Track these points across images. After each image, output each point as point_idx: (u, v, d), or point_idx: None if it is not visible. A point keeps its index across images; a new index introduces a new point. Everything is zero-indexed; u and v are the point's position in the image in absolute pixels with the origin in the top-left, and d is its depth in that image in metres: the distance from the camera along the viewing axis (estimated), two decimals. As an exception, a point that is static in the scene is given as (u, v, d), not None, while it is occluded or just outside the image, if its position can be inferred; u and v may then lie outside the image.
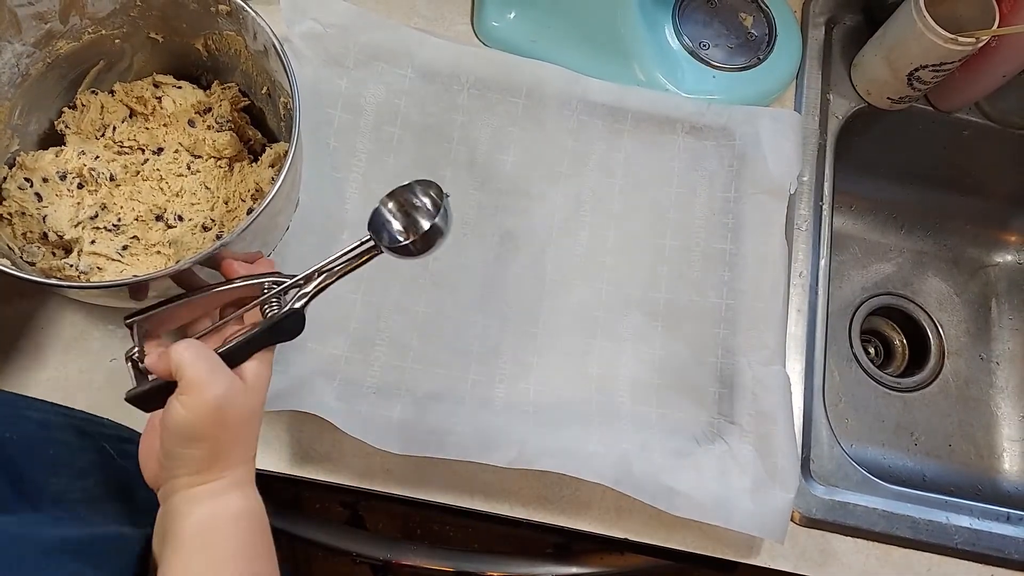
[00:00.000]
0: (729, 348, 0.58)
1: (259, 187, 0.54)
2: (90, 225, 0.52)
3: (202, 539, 0.37)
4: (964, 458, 0.76)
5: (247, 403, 0.39)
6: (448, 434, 0.52)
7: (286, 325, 0.41)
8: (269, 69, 0.51)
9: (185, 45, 0.55)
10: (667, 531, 0.55)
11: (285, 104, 0.52)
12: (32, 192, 0.51)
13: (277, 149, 0.55)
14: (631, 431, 0.55)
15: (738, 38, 0.68)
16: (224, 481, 0.38)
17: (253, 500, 0.39)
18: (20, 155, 0.52)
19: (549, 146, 0.62)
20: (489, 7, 0.65)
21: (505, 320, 0.57)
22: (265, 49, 0.49)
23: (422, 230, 0.41)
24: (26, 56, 0.50)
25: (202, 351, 0.37)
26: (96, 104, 0.54)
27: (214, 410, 0.36)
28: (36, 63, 0.50)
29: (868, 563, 0.57)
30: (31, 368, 0.53)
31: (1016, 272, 0.83)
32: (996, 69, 0.64)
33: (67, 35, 0.51)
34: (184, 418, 0.36)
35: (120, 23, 0.52)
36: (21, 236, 0.51)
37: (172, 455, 0.37)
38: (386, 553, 0.66)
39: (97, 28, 0.52)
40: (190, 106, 0.56)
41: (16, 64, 0.49)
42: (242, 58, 0.54)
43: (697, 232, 0.61)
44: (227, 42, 0.53)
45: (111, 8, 0.51)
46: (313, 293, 0.42)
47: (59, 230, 0.51)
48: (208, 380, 0.36)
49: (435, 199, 0.42)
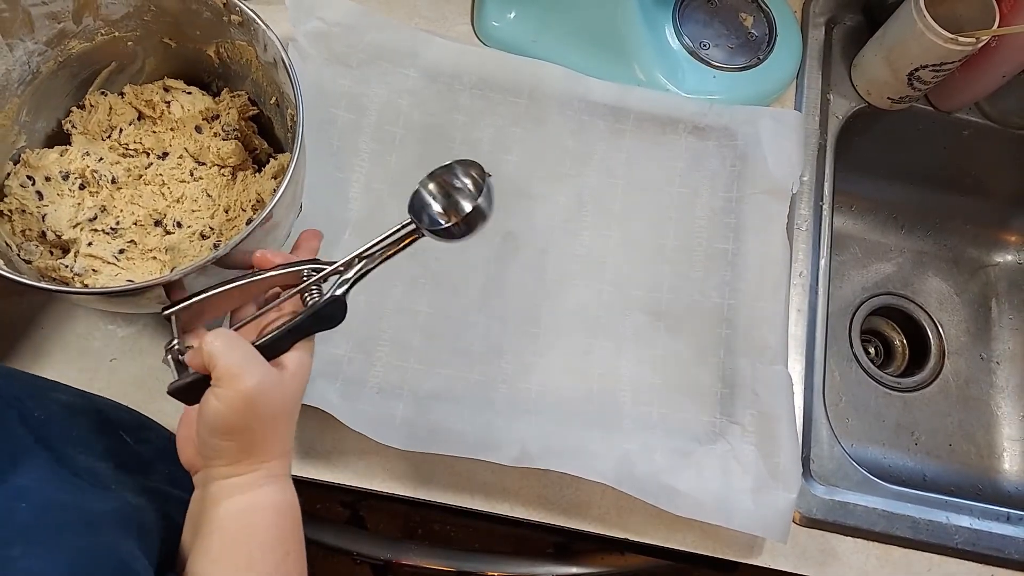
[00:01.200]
0: (731, 348, 0.58)
1: (260, 197, 0.54)
2: (88, 227, 0.52)
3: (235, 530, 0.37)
4: (964, 458, 0.76)
5: (284, 394, 0.38)
6: (450, 432, 0.52)
7: (327, 312, 0.40)
8: (278, 81, 0.51)
9: (197, 51, 0.55)
10: (667, 531, 0.55)
11: (292, 116, 0.52)
12: (34, 190, 0.51)
13: (282, 160, 0.55)
14: (633, 431, 0.55)
15: (738, 38, 0.68)
16: (260, 473, 0.37)
17: (289, 494, 0.39)
18: (25, 152, 0.52)
19: (551, 146, 0.62)
20: (489, 7, 0.65)
21: (506, 320, 0.57)
22: (275, 61, 0.49)
23: (464, 212, 0.39)
24: (38, 55, 0.50)
25: (235, 341, 0.36)
26: (105, 105, 0.54)
27: (247, 402, 0.35)
28: (47, 62, 0.50)
29: (868, 563, 0.57)
30: (31, 369, 0.53)
31: (1016, 272, 0.83)
32: (996, 69, 0.64)
33: (80, 35, 0.51)
34: (217, 410, 0.35)
35: (133, 26, 0.52)
36: (20, 233, 0.51)
37: (208, 446, 0.37)
38: (386, 553, 0.66)
39: (110, 30, 0.52)
40: (198, 112, 0.56)
41: (27, 62, 0.49)
42: (253, 68, 0.54)
43: (699, 232, 0.61)
44: (239, 51, 0.53)
45: (125, 11, 0.51)
46: (355, 279, 0.41)
47: (57, 230, 0.51)
48: (241, 371, 0.35)
49: (477, 180, 0.40)
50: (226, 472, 0.37)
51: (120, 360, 0.54)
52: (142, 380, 0.54)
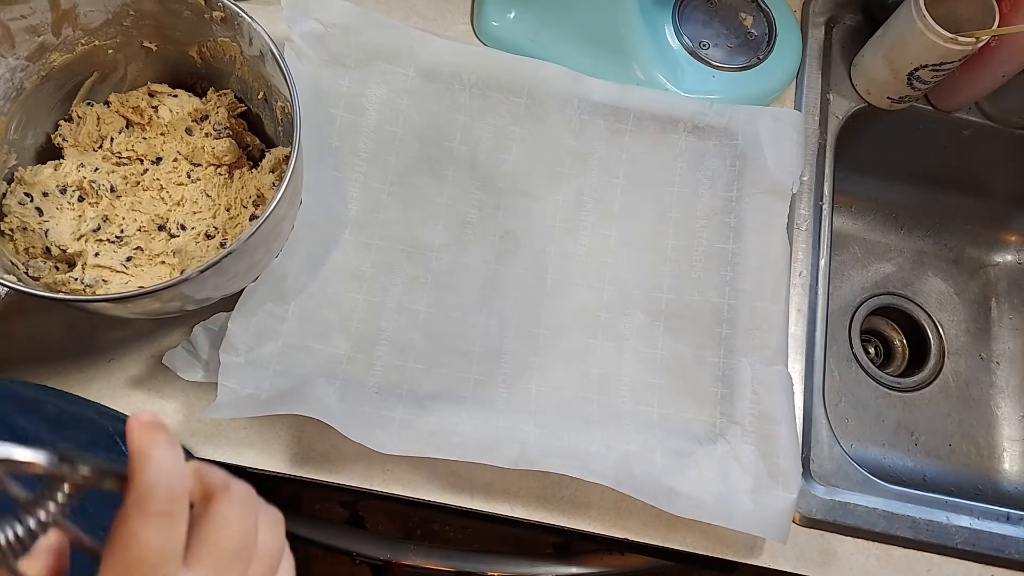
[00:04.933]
0: (731, 348, 0.58)
1: (260, 193, 0.54)
2: (93, 238, 0.51)
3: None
4: (964, 458, 0.76)
5: None
6: (450, 435, 0.52)
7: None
8: (265, 74, 0.50)
9: (179, 53, 0.55)
10: (667, 531, 0.55)
11: (283, 108, 0.52)
12: (33, 207, 0.51)
13: (276, 154, 0.55)
14: (632, 431, 0.55)
15: (738, 38, 0.68)
16: None
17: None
18: (19, 170, 0.51)
19: (551, 146, 0.62)
20: (489, 7, 0.65)
21: (506, 320, 0.57)
22: (261, 54, 0.49)
23: None
24: (20, 70, 0.49)
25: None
26: (92, 116, 0.54)
27: None
28: (30, 76, 0.50)
29: (868, 563, 0.57)
30: (32, 370, 0.53)
31: (1016, 272, 0.83)
32: (996, 69, 0.64)
33: (60, 47, 0.50)
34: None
35: (113, 33, 0.52)
36: (24, 252, 0.51)
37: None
38: (386, 553, 0.66)
39: (90, 39, 0.51)
40: (187, 114, 0.55)
41: (10, 78, 0.49)
42: (237, 64, 0.54)
43: (699, 232, 0.61)
44: (222, 49, 0.53)
45: (104, 18, 0.50)
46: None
47: (62, 244, 0.50)
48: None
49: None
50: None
51: (119, 360, 0.54)
52: (141, 380, 0.54)
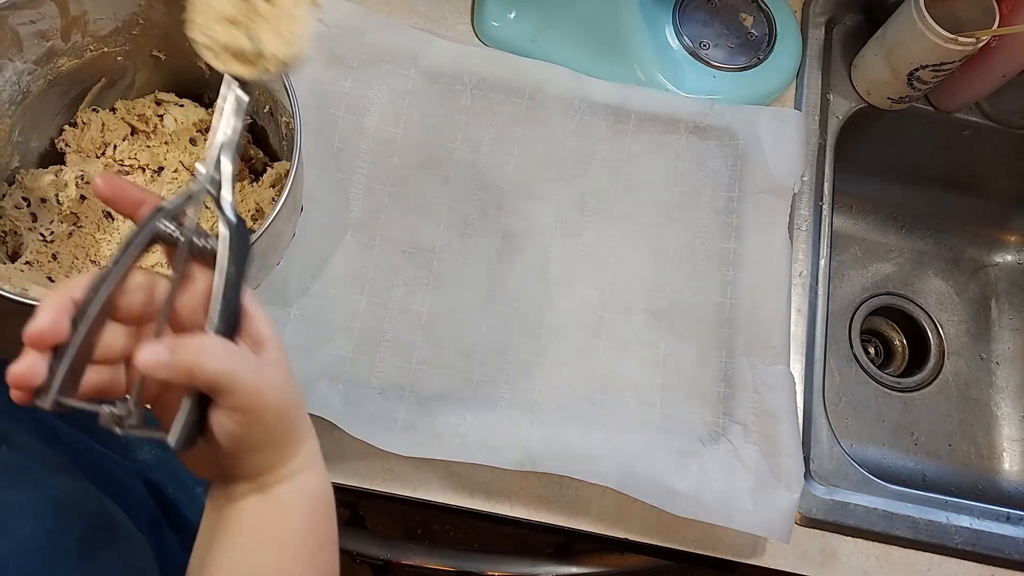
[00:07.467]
0: (733, 348, 0.58)
1: (259, 207, 0.54)
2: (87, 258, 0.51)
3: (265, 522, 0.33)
4: (964, 458, 0.76)
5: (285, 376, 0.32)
6: (453, 436, 0.52)
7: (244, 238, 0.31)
8: (271, 88, 0.50)
9: (187, 63, 0.54)
10: (667, 531, 0.55)
11: (287, 124, 0.52)
12: (28, 212, 0.51)
13: (279, 169, 0.54)
14: (635, 431, 0.55)
15: (738, 38, 0.68)
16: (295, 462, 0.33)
17: (321, 480, 0.35)
18: (20, 173, 0.51)
19: (552, 146, 0.62)
20: (489, 7, 0.65)
21: (509, 320, 0.57)
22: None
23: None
24: (27, 74, 0.49)
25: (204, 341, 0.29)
26: (97, 122, 0.54)
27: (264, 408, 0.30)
28: (37, 80, 0.50)
29: (868, 563, 0.57)
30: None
31: (1016, 272, 0.83)
32: (996, 69, 0.64)
33: (69, 53, 0.50)
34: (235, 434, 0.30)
35: (122, 41, 0.52)
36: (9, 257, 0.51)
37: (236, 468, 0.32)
38: (386, 553, 0.66)
39: (99, 46, 0.51)
40: (192, 124, 0.55)
41: (17, 82, 0.49)
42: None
43: (700, 232, 0.61)
44: (229, 60, 0.53)
45: (113, 26, 0.50)
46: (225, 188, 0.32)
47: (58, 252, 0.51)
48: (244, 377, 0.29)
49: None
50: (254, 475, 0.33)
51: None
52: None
